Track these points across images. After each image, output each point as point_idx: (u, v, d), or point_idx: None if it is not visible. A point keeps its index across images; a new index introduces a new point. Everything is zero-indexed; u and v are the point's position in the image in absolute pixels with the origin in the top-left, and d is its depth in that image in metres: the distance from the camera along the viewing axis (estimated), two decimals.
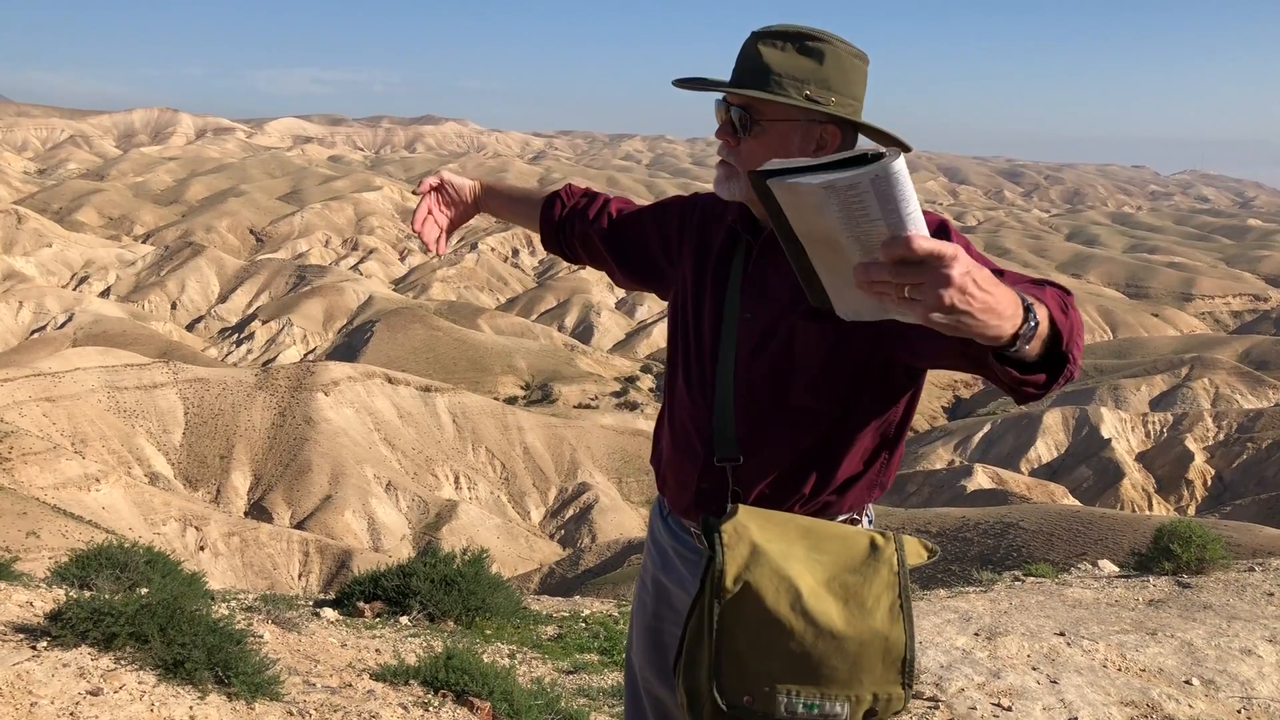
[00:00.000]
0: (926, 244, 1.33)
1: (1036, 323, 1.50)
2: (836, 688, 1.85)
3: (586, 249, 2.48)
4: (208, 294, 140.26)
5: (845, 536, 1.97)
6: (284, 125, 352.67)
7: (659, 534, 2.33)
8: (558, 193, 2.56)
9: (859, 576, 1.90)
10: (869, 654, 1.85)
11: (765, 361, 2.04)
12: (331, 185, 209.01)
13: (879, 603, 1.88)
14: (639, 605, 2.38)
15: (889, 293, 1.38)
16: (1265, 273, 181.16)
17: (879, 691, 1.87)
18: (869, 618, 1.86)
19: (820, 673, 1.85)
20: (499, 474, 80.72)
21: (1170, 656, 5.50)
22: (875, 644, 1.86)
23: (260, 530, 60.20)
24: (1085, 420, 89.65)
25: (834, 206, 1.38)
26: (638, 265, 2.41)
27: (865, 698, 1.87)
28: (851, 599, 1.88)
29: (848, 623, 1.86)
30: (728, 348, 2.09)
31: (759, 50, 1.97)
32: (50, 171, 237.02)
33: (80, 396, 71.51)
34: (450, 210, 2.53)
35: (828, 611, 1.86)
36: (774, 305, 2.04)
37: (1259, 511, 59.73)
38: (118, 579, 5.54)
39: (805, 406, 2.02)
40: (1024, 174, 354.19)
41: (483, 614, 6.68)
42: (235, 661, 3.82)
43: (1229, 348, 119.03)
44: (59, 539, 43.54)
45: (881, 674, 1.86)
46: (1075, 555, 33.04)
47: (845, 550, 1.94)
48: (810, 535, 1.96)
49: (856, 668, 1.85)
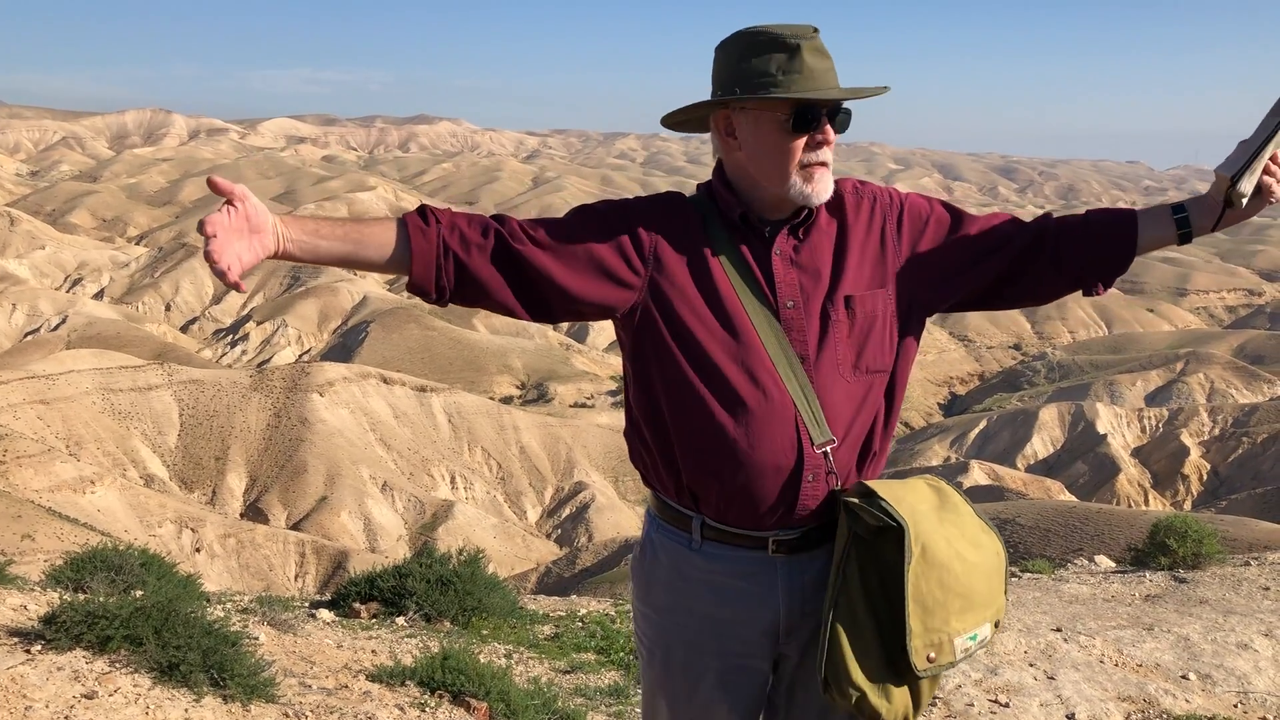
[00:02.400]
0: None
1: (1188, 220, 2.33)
2: (984, 611, 2.07)
3: (505, 271, 2.04)
4: (202, 295, 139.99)
5: (917, 488, 2.14)
6: (277, 125, 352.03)
7: (693, 570, 2.19)
8: (422, 211, 2.06)
9: (951, 512, 2.10)
10: (995, 573, 2.10)
11: (833, 340, 2.11)
12: (325, 185, 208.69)
13: (976, 528, 2.11)
14: (689, 651, 2.22)
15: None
16: (1260, 267, 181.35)
17: (999, 603, 2.12)
18: (981, 542, 2.09)
19: (975, 602, 2.04)
20: (495, 474, 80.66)
21: (1167, 651, 5.51)
22: (994, 562, 2.10)
23: (256, 532, 60.10)
24: (1081, 416, 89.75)
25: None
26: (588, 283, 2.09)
27: (996, 612, 2.11)
28: (965, 531, 2.08)
29: (975, 550, 2.07)
30: (775, 340, 2.08)
31: (823, 46, 2.09)
32: (43, 173, 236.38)
33: (74, 399, 71.35)
34: (238, 240, 1.96)
35: (965, 547, 2.05)
36: (818, 287, 2.13)
37: (1255, 506, 59.80)
38: (113, 582, 5.53)
39: (875, 369, 2.14)
40: (1018, 170, 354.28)
41: (479, 614, 6.67)
42: (231, 663, 3.81)
43: (1224, 342, 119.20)
44: (54, 542, 43.42)
45: (998, 586, 2.12)
46: (1072, 551, 33.08)
47: (925, 497, 2.12)
48: (904, 491, 2.11)
49: (990, 586, 2.08)
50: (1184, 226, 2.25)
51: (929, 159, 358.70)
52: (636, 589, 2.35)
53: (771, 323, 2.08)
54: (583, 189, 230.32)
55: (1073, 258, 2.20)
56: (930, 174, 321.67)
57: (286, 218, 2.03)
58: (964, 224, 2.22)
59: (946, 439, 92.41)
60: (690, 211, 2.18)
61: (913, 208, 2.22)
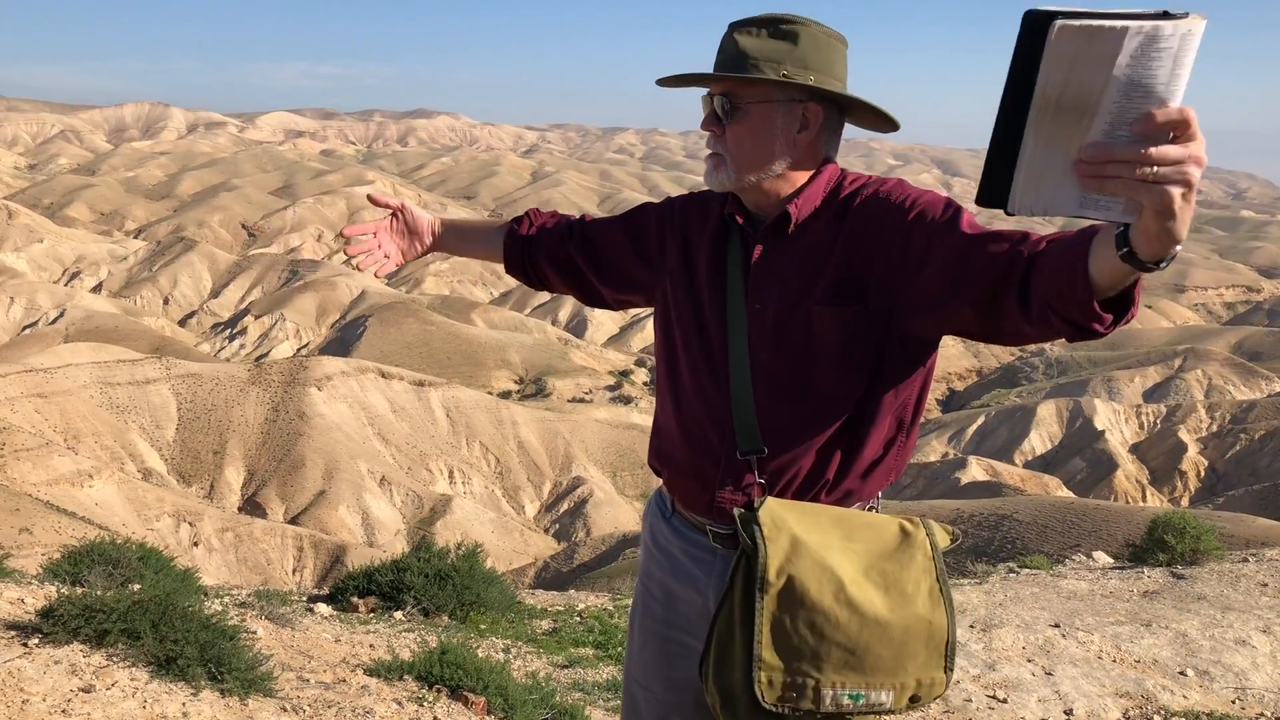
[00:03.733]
0: (1194, 116, 1.29)
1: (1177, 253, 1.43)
2: (881, 676, 1.86)
3: (560, 269, 2.41)
4: (200, 289, 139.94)
5: (876, 524, 1.97)
6: (275, 119, 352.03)
7: (662, 537, 2.27)
8: (524, 215, 2.51)
9: (896, 563, 1.90)
10: (913, 640, 1.86)
11: (786, 351, 2.03)
12: (323, 179, 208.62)
13: (919, 588, 1.89)
14: (644, 613, 2.31)
15: (1122, 174, 1.32)
16: (1258, 264, 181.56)
17: (922, 677, 1.88)
18: (911, 603, 1.87)
19: (865, 662, 1.85)
20: (493, 468, 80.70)
21: (1165, 648, 5.51)
22: (919, 629, 1.87)
23: (254, 526, 60.13)
24: (1079, 412, 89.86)
25: (1128, 60, 1.29)
26: (616, 277, 2.36)
27: (909, 684, 1.88)
28: (892, 586, 1.88)
29: (891, 609, 1.86)
30: (738, 340, 2.07)
31: (735, 39, 2.00)
32: (41, 167, 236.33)
33: (72, 392, 71.34)
34: (401, 241, 2.43)
35: (871, 600, 1.86)
36: (786, 294, 2.03)
37: (1252, 502, 59.91)
38: (110, 575, 5.52)
39: (829, 393, 2.02)
40: None
41: (477, 609, 6.66)
42: (228, 658, 3.81)
43: (1222, 339, 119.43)
44: (51, 535, 43.45)
45: (925, 659, 1.88)
46: (1069, 547, 33.13)
47: (878, 538, 1.94)
48: (843, 524, 1.96)
49: (901, 654, 1.86)
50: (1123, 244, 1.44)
51: (928, 154, 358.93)
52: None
53: (739, 325, 2.08)
54: (581, 183, 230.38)
55: (1034, 287, 1.72)
56: (929, 169, 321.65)
57: (442, 219, 2.51)
58: (966, 244, 1.84)
59: (944, 435, 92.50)
60: (717, 209, 2.19)
61: (927, 221, 1.92)
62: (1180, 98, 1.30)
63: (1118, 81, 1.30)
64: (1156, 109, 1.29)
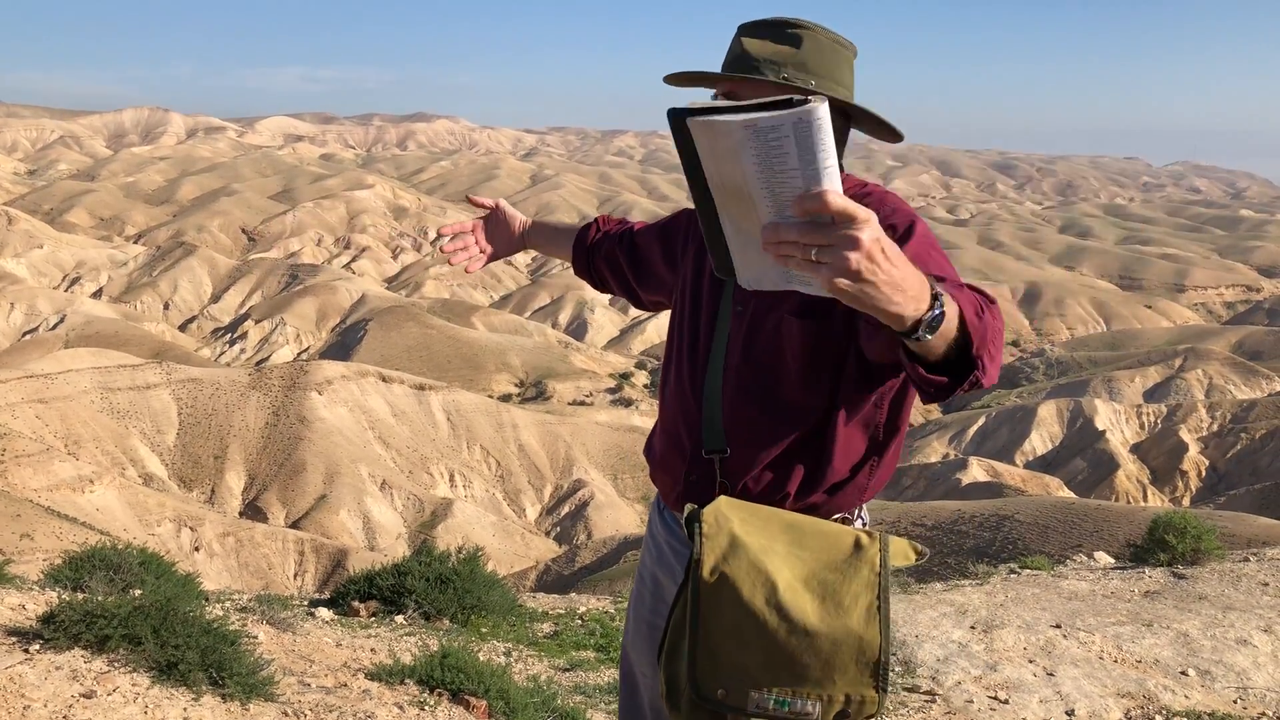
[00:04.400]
0: (840, 201, 1.28)
1: (942, 311, 1.45)
2: (809, 686, 1.84)
3: (612, 271, 2.55)
4: (200, 294, 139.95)
5: (829, 534, 1.96)
6: (275, 124, 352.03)
7: (655, 528, 2.37)
8: (594, 220, 2.66)
9: (839, 574, 1.89)
10: (842, 654, 1.84)
11: (754, 355, 2.06)
12: (323, 184, 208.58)
13: (856, 602, 1.86)
14: (637, 598, 2.42)
15: (795, 254, 1.32)
16: (1258, 263, 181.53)
17: (851, 693, 1.85)
18: (845, 616, 1.85)
19: (793, 670, 1.84)
20: (494, 472, 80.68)
21: (1166, 648, 5.51)
22: (849, 644, 1.84)
23: (255, 530, 60.10)
24: (1079, 412, 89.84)
25: (752, 151, 1.31)
26: (649, 279, 2.47)
27: (838, 698, 1.85)
28: (829, 597, 1.86)
29: (822, 620, 1.84)
30: (720, 341, 2.12)
31: (741, 41, 2.02)
32: (41, 172, 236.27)
33: (73, 398, 71.32)
34: (494, 238, 2.65)
35: (803, 608, 1.84)
36: (763, 298, 2.04)
37: (1253, 502, 59.87)
38: (111, 581, 5.52)
39: (792, 402, 2.03)
40: (1016, 166, 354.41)
41: (478, 612, 6.66)
42: (230, 663, 3.80)
43: (1222, 338, 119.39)
44: (52, 541, 43.43)
45: (854, 675, 1.84)
46: (1071, 547, 33.12)
47: (828, 547, 1.93)
48: (793, 530, 1.95)
49: (829, 667, 1.84)
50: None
51: (927, 155, 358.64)
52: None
53: (724, 325, 2.13)
54: (581, 186, 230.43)
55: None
56: (928, 170, 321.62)
57: (533, 220, 2.70)
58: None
59: (945, 435, 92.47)
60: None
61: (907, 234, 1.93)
62: (826, 180, 1.29)
63: (752, 170, 1.32)
64: (802, 194, 1.29)
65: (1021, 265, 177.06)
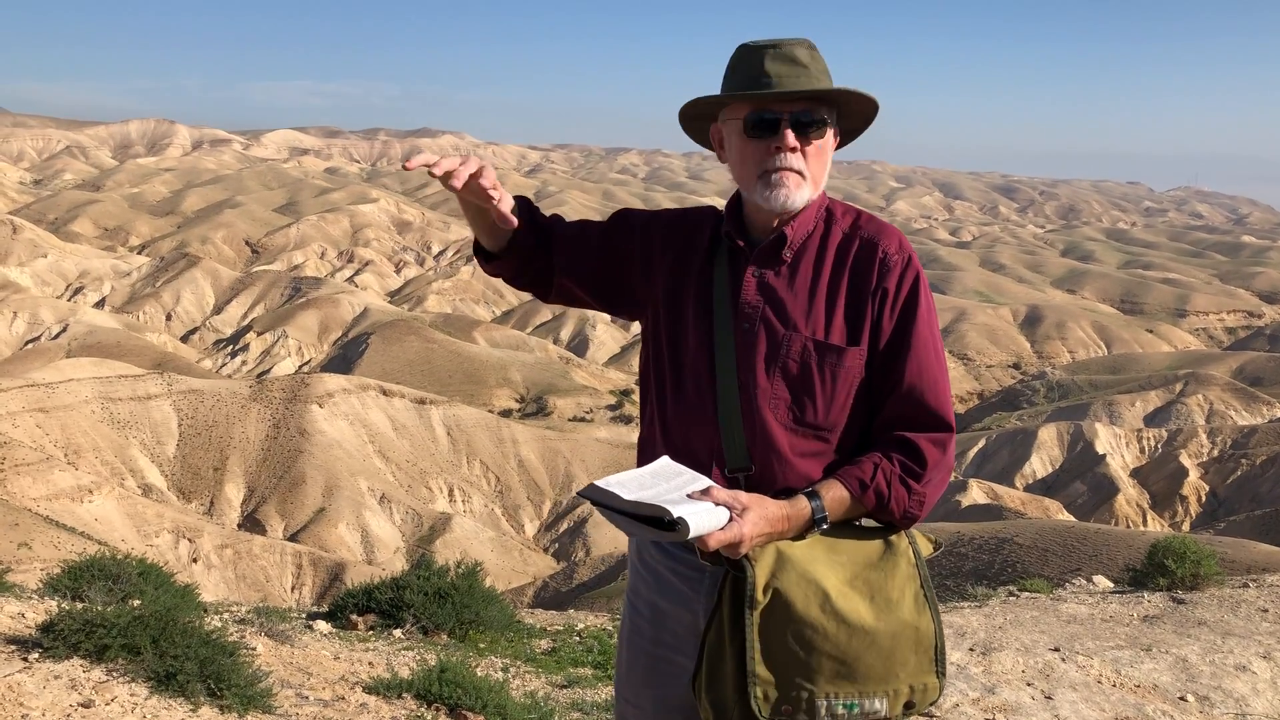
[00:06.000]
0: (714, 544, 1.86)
1: (824, 516, 1.98)
2: (874, 683, 1.91)
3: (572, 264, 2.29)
4: (203, 305, 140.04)
5: (857, 537, 2.03)
6: (280, 137, 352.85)
7: (649, 556, 2.27)
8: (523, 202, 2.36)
9: (880, 572, 1.97)
10: (902, 646, 1.92)
11: (777, 377, 2.07)
12: (327, 197, 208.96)
13: (903, 595, 1.95)
14: (633, 632, 2.31)
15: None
16: (1259, 289, 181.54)
17: (914, 683, 1.94)
18: (896, 610, 1.93)
19: (857, 670, 1.90)
20: (493, 487, 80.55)
21: (1165, 673, 5.50)
22: (906, 635, 1.92)
23: (253, 542, 59.99)
24: (1080, 436, 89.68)
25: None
26: (613, 282, 2.29)
27: (903, 690, 1.93)
28: (877, 594, 1.94)
29: (877, 618, 1.91)
30: (726, 359, 2.10)
31: (797, 54, 2.05)
32: (46, 182, 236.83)
33: (74, 407, 71.30)
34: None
35: (857, 609, 1.91)
36: (783, 320, 2.08)
37: (1253, 528, 59.69)
38: (110, 591, 5.52)
39: (814, 421, 2.08)
40: (1019, 189, 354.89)
41: (476, 627, 6.66)
42: (228, 674, 3.81)
43: (1223, 364, 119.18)
44: (51, 550, 43.34)
45: (915, 665, 1.93)
46: (1070, 571, 33.00)
47: (860, 549, 2.00)
48: (824, 538, 2.01)
49: (891, 661, 1.91)
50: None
51: (930, 177, 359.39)
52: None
53: (728, 343, 2.10)
54: (584, 203, 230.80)
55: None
56: (931, 193, 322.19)
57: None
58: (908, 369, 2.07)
59: None
60: (707, 226, 2.23)
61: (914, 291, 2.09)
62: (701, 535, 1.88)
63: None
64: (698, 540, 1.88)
65: (1023, 288, 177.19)
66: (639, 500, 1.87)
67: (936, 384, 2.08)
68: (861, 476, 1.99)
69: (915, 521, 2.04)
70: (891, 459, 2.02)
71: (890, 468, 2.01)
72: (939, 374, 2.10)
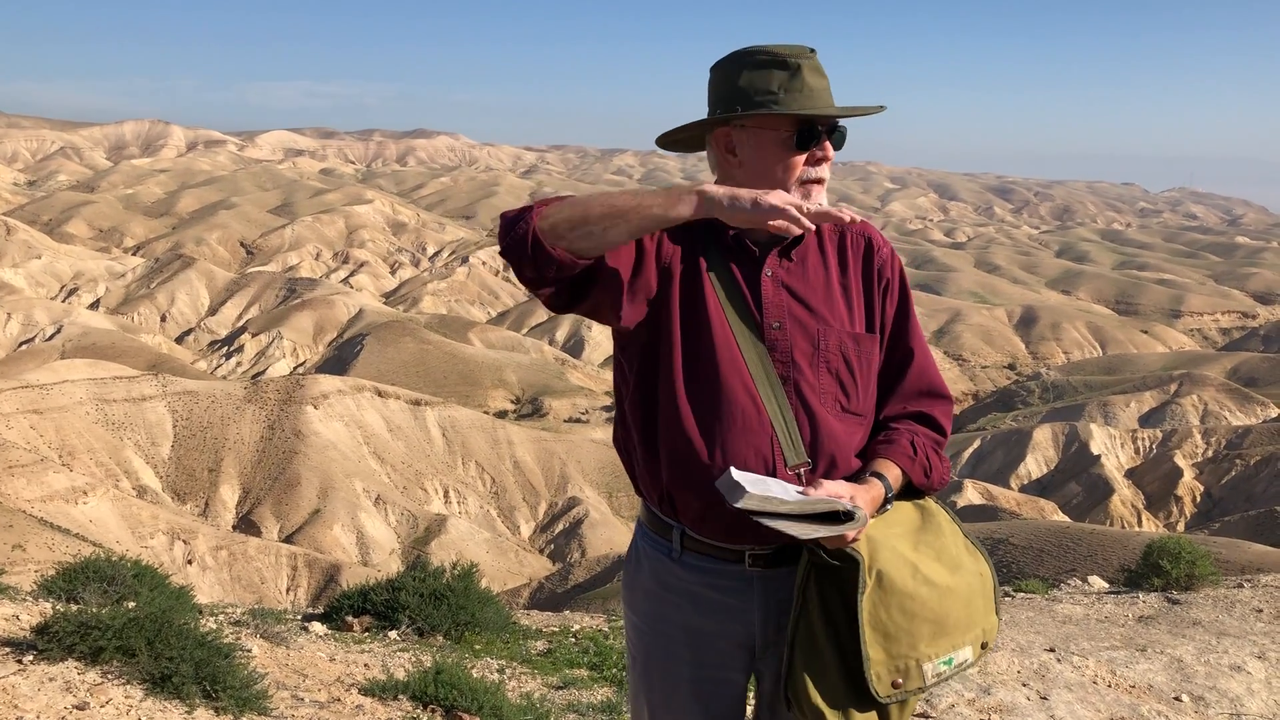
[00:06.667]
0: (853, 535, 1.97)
1: (892, 496, 2.11)
2: (959, 634, 2.07)
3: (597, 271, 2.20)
4: (197, 306, 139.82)
5: (898, 508, 2.16)
6: (275, 138, 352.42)
7: (675, 579, 2.21)
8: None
9: (931, 534, 2.14)
10: (976, 595, 2.11)
11: (822, 370, 2.15)
12: (322, 198, 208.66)
13: (960, 549, 2.15)
14: (666, 659, 2.25)
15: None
16: (1253, 290, 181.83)
17: (985, 625, 2.13)
18: (962, 564, 2.12)
19: (947, 626, 2.05)
20: (489, 488, 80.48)
21: (1160, 673, 5.51)
22: (976, 584, 2.12)
23: (248, 544, 59.88)
24: (1075, 436, 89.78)
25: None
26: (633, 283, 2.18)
27: (979, 634, 2.11)
28: (941, 555, 2.10)
29: (952, 574, 2.08)
30: (759, 358, 2.12)
31: (820, 66, 2.13)
32: (40, 183, 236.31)
33: (68, 409, 71.15)
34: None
35: (938, 572, 2.07)
36: (810, 314, 2.16)
37: (1247, 528, 59.77)
38: (105, 592, 5.51)
39: (854, 410, 2.19)
40: (1014, 190, 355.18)
41: (472, 629, 6.65)
42: (223, 675, 3.80)
43: (1218, 364, 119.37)
44: (45, 552, 43.22)
45: (983, 609, 2.13)
46: (1065, 571, 33.06)
47: (905, 518, 2.15)
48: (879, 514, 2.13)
49: (971, 610, 2.09)
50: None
51: (925, 178, 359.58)
52: (624, 595, 2.39)
53: (755, 342, 2.12)
54: None
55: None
56: (926, 194, 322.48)
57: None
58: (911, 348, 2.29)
59: None
60: (697, 230, 2.20)
61: (904, 279, 2.30)
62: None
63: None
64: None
65: (1018, 289, 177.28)
66: (804, 498, 1.95)
67: (934, 361, 2.30)
68: (906, 452, 2.16)
69: (945, 486, 2.24)
70: (919, 433, 2.21)
71: (924, 441, 2.20)
72: (930, 352, 2.31)
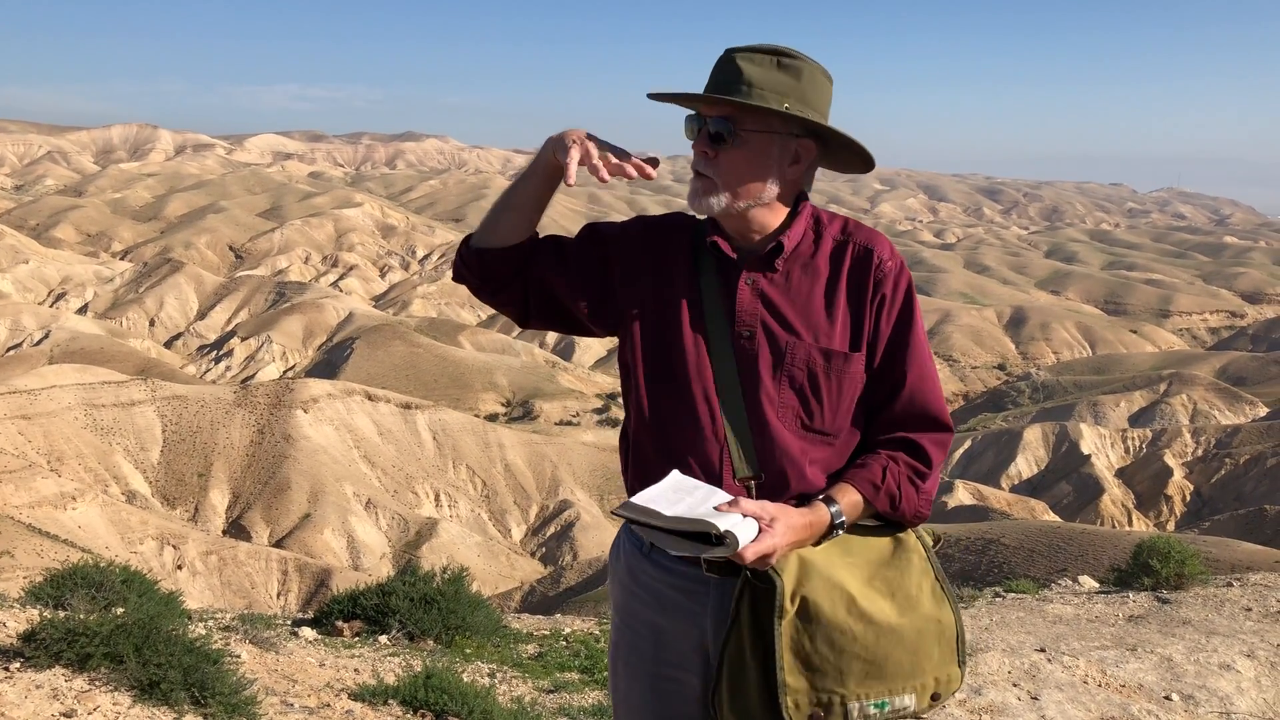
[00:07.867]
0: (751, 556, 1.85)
1: (842, 521, 1.99)
2: (901, 680, 1.94)
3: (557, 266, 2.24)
4: (186, 311, 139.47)
5: (866, 537, 2.05)
6: (264, 141, 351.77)
7: (644, 575, 2.20)
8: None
9: (895, 569, 1.99)
10: (926, 640, 1.95)
11: (784, 384, 2.07)
12: (311, 202, 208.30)
13: (921, 589, 1.98)
14: (630, 653, 2.25)
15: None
16: (1241, 289, 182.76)
17: (939, 675, 1.97)
18: (918, 606, 1.96)
19: (885, 669, 1.92)
20: (479, 491, 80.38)
21: (1150, 672, 5.52)
22: (930, 629, 1.96)
23: (238, 549, 59.71)
24: (1065, 436, 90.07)
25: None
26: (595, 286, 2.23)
27: (929, 684, 1.96)
28: (897, 592, 1.96)
29: (901, 614, 1.94)
30: (727, 367, 2.09)
31: (738, 64, 2.02)
32: (28, 188, 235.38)
33: (57, 414, 70.87)
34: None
35: (881, 608, 1.93)
36: (783, 329, 2.08)
37: (1237, 527, 60.05)
38: (93, 599, 5.48)
39: (819, 427, 2.09)
40: (1003, 191, 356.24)
41: (463, 633, 6.64)
42: (212, 681, 3.78)
43: (1207, 364, 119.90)
44: (34, 558, 43.05)
45: (939, 657, 1.97)
46: (1056, 571, 33.12)
47: (872, 548, 2.03)
48: (838, 541, 2.02)
49: (917, 656, 1.94)
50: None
51: (914, 179, 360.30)
52: (608, 585, 2.41)
53: (727, 350, 2.09)
54: (569, 207, 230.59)
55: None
56: (915, 194, 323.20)
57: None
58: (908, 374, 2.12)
59: None
60: (687, 234, 2.20)
61: (909, 297, 2.14)
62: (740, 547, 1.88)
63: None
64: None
65: (1007, 289, 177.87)
66: (680, 516, 1.86)
67: (935, 386, 2.14)
68: (873, 479, 2.03)
69: (923, 521, 2.08)
70: (898, 460, 2.07)
71: (899, 469, 2.06)
72: (935, 376, 2.15)
